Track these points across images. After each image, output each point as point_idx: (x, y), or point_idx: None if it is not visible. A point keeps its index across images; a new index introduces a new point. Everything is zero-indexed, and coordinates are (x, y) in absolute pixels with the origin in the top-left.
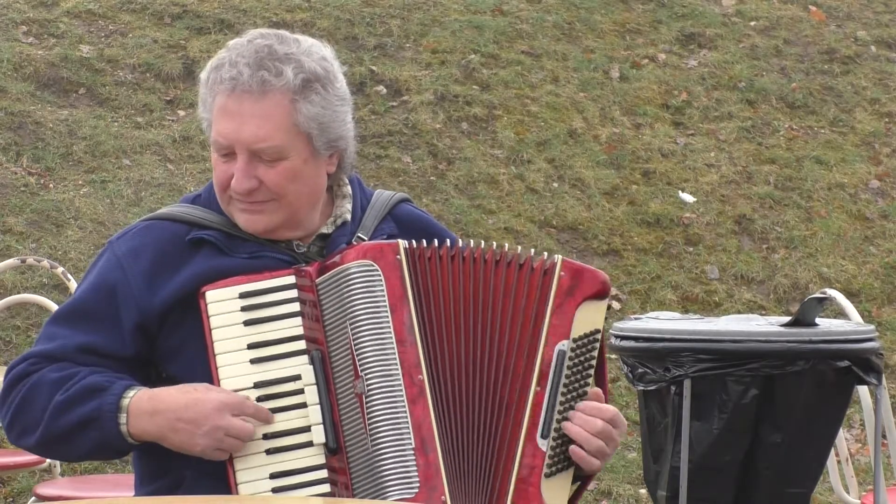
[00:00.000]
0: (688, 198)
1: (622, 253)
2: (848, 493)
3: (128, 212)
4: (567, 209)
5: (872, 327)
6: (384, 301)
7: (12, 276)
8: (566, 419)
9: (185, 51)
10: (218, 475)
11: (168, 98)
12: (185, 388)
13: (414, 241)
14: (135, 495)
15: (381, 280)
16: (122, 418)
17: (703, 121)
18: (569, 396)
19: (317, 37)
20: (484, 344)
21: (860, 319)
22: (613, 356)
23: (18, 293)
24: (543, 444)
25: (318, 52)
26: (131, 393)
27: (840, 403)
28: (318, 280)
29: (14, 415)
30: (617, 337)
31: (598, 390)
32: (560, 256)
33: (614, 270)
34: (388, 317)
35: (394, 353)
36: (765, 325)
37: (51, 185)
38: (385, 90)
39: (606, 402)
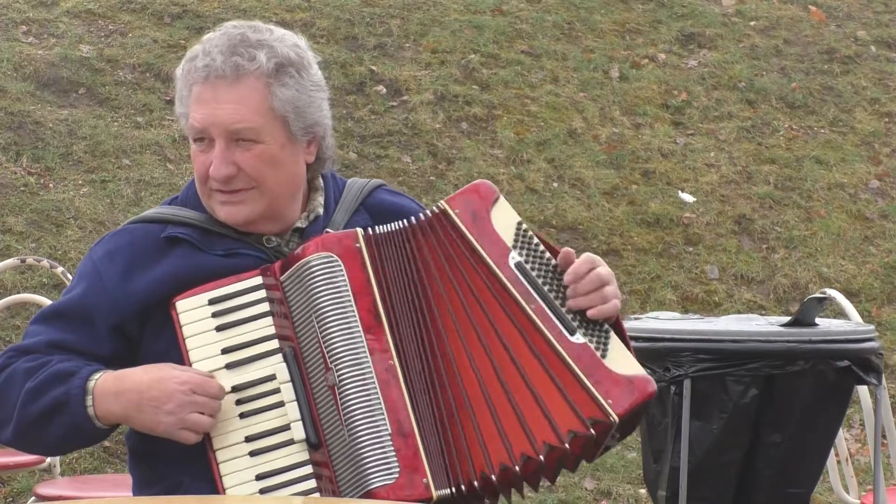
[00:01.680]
0: (688, 198)
1: (622, 253)
2: (848, 493)
3: (128, 212)
4: (567, 209)
5: (872, 327)
6: (347, 290)
7: (12, 276)
8: (567, 303)
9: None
10: (214, 480)
11: (168, 98)
12: (149, 368)
13: (377, 227)
14: None
15: (341, 270)
16: (89, 401)
17: (702, 121)
18: (553, 286)
19: (317, 37)
20: (444, 313)
21: (860, 319)
22: None
23: (18, 293)
24: (577, 337)
25: (290, 39)
26: (97, 375)
27: (840, 403)
28: (282, 277)
29: None
30: None
31: (566, 250)
32: (443, 202)
33: (614, 270)
34: (352, 305)
35: (361, 341)
36: (765, 325)
37: (51, 185)
38: (385, 90)
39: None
